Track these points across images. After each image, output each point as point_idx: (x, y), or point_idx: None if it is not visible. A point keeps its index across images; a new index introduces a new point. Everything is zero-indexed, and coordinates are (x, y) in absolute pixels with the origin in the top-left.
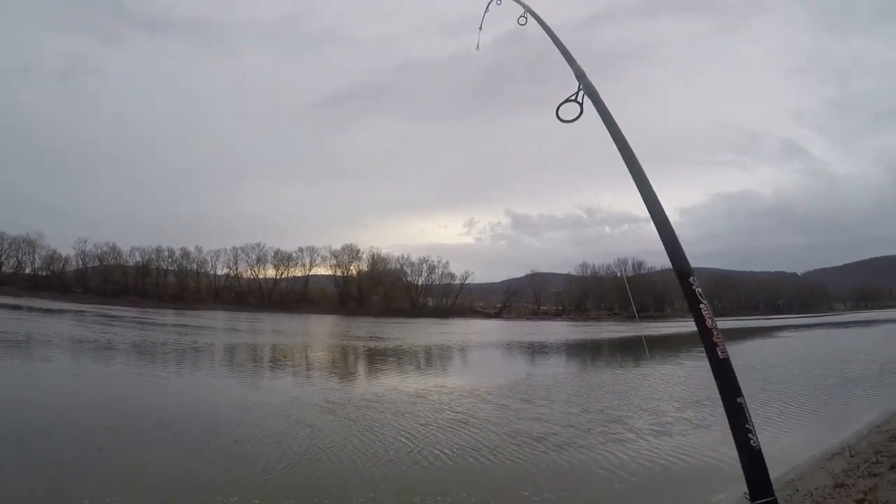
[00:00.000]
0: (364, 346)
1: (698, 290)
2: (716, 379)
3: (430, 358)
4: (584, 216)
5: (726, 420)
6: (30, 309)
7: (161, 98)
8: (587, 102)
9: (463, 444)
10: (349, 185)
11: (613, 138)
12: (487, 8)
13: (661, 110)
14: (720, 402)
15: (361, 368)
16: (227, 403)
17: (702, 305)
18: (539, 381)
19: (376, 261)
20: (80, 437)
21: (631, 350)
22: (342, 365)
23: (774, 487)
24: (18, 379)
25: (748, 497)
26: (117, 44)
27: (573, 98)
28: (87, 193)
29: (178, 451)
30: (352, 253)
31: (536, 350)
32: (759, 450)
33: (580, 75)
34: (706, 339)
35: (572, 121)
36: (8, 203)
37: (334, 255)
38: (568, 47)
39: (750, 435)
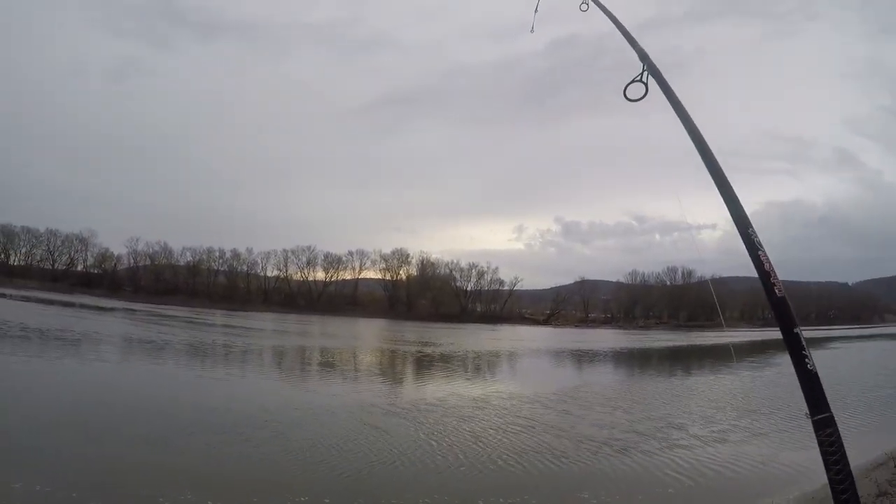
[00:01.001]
0: (419, 351)
1: (756, 239)
2: (774, 314)
3: (486, 364)
4: (635, 224)
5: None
6: (81, 306)
7: (211, 100)
8: (652, 84)
9: (529, 448)
10: (398, 189)
11: (679, 116)
12: None
13: (710, 117)
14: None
15: (420, 373)
16: (295, 407)
17: (760, 252)
18: (597, 388)
19: (426, 265)
20: (156, 439)
21: (683, 359)
22: (400, 369)
23: (821, 495)
24: (98, 380)
25: (808, 416)
26: (168, 47)
27: (639, 78)
28: (139, 193)
29: (249, 452)
30: (401, 257)
31: (589, 358)
32: (816, 372)
33: (643, 56)
34: (765, 282)
35: (638, 100)
36: (62, 200)
37: (384, 258)
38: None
39: (807, 360)
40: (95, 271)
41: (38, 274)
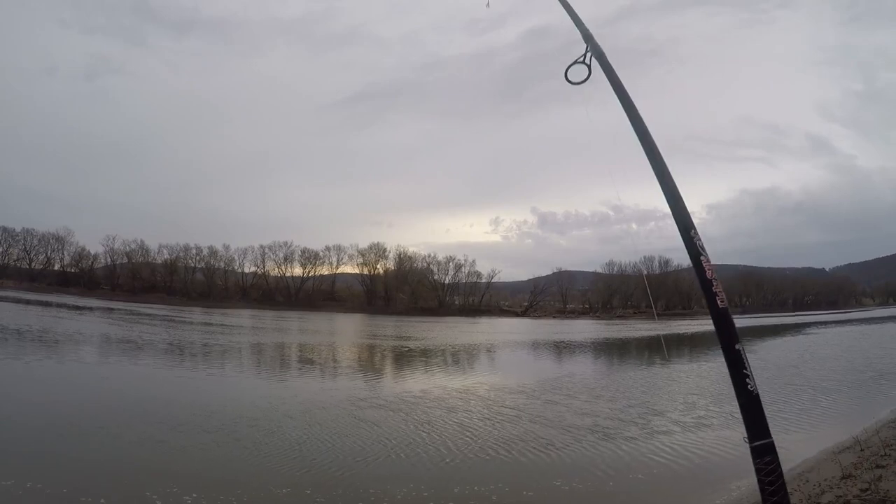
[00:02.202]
0: (400, 346)
1: (699, 242)
2: (715, 327)
3: (467, 356)
4: (611, 214)
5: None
6: (59, 305)
7: (186, 97)
8: (595, 65)
9: (515, 437)
10: (375, 183)
11: (620, 99)
12: None
13: (685, 106)
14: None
15: (402, 367)
16: (284, 404)
17: (702, 258)
18: (579, 378)
19: (403, 259)
20: (145, 436)
21: (661, 348)
22: (383, 364)
23: (786, 479)
24: (87, 381)
25: (747, 440)
26: (142, 44)
27: (581, 60)
28: (115, 191)
29: (242, 452)
30: (378, 252)
31: (569, 348)
32: (757, 394)
33: (587, 37)
34: (707, 290)
35: (581, 83)
36: (38, 200)
37: (361, 253)
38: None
39: (748, 380)
40: (72, 270)
41: (15, 273)
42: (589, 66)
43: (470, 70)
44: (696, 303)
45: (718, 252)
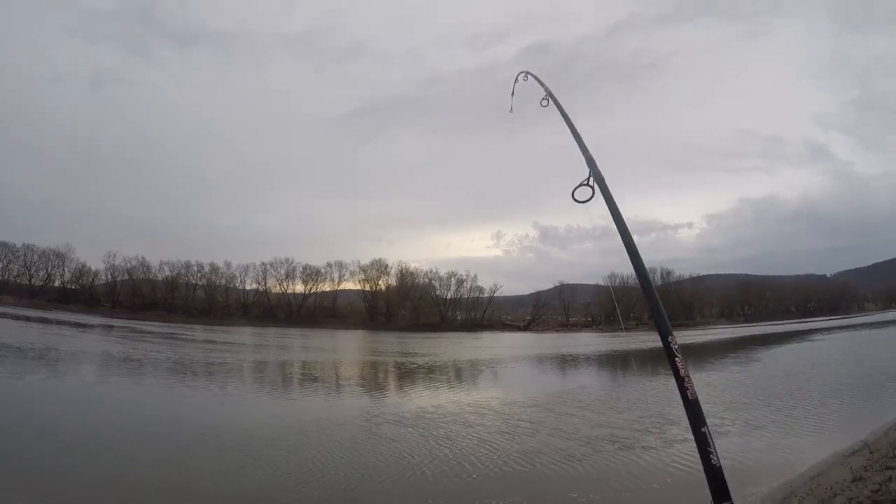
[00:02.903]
0: (407, 362)
1: (675, 346)
2: (687, 413)
3: (476, 371)
4: (612, 226)
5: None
6: (59, 322)
7: (190, 110)
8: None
9: (534, 449)
10: (377, 198)
11: (615, 221)
12: (517, 79)
13: (685, 118)
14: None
15: (413, 383)
16: (300, 422)
17: (677, 359)
18: (590, 391)
19: (405, 275)
20: (160, 457)
21: (664, 359)
22: (393, 381)
23: (798, 483)
24: (94, 401)
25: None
26: (146, 56)
27: (585, 182)
28: (116, 202)
29: (265, 472)
30: (380, 268)
31: (577, 361)
32: (720, 466)
33: (591, 163)
34: (679, 385)
35: (586, 202)
36: (39, 210)
37: (363, 269)
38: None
39: (711, 456)
40: (73, 287)
41: (15, 289)
42: (592, 188)
43: (472, 85)
44: (699, 313)
45: (719, 262)
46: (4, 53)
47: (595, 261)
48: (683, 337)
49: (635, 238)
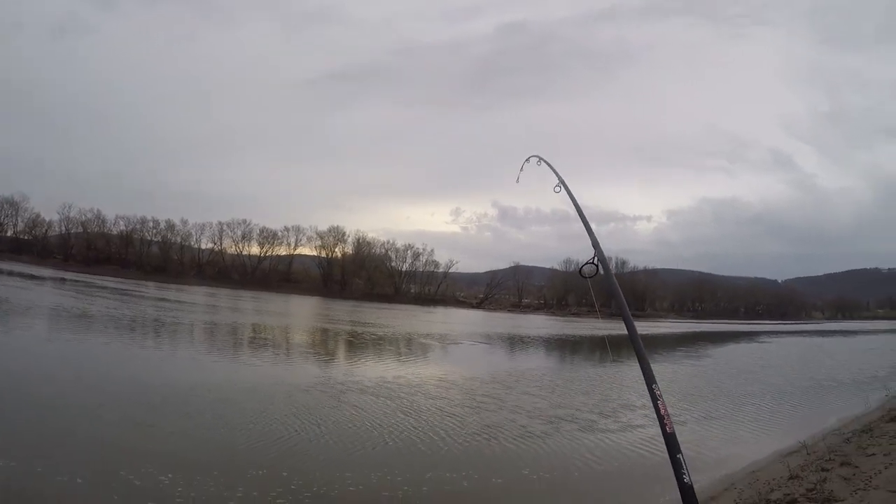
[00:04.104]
0: (364, 332)
1: (658, 391)
2: (665, 442)
3: (434, 345)
4: (571, 212)
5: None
6: (9, 273)
7: (154, 64)
8: (601, 258)
9: (496, 424)
10: (338, 166)
11: (614, 295)
12: (528, 160)
13: (654, 112)
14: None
15: (372, 353)
16: (267, 386)
17: (659, 402)
18: (552, 372)
19: (361, 244)
20: (124, 417)
21: (625, 347)
22: (352, 349)
23: (739, 476)
24: (55, 358)
25: None
26: (112, 6)
27: (591, 261)
28: (75, 155)
29: (218, 430)
30: (337, 235)
31: (534, 343)
32: (691, 485)
33: (596, 244)
34: (661, 421)
35: (592, 276)
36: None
37: (320, 236)
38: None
39: (684, 476)
40: (25, 237)
41: None
42: (597, 266)
43: (443, 59)
44: (650, 305)
45: (674, 257)
46: None
47: (553, 244)
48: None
49: (593, 226)
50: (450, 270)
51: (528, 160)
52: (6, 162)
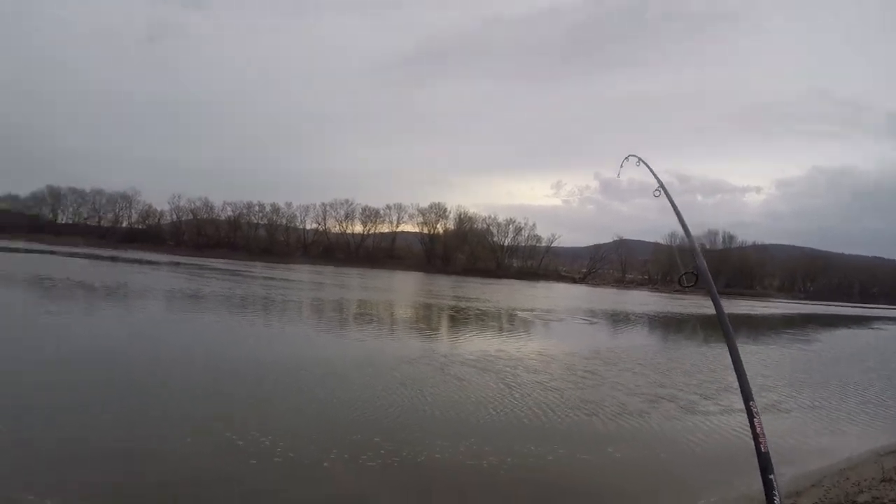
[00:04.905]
0: (467, 306)
1: (755, 408)
2: (758, 462)
3: (536, 320)
4: (676, 182)
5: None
6: (128, 260)
7: (245, 59)
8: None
9: (598, 401)
10: (437, 143)
11: (714, 305)
12: (627, 158)
13: (761, 75)
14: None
15: (475, 327)
16: (375, 359)
17: (756, 419)
18: (653, 350)
19: (463, 219)
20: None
21: (741, 327)
22: (455, 323)
23: (830, 472)
24: (174, 337)
25: None
26: (198, 7)
27: (691, 271)
28: (179, 151)
29: (329, 401)
30: (439, 211)
31: (637, 320)
32: None
33: (697, 254)
34: (756, 440)
35: (692, 286)
36: (106, 162)
37: (421, 212)
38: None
39: (776, 499)
40: (140, 227)
41: (85, 231)
42: (696, 275)
43: (535, 29)
44: (759, 283)
45: (783, 232)
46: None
47: (655, 217)
48: (743, 308)
49: (698, 197)
50: (552, 245)
51: (626, 159)
52: (119, 161)
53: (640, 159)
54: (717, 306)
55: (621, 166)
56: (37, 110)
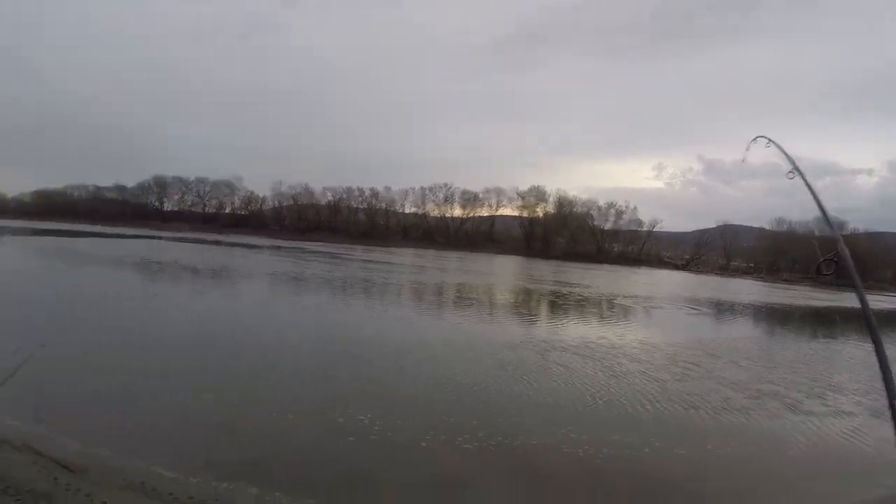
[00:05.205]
0: (568, 292)
1: None
2: None
3: (637, 307)
4: (782, 165)
5: None
6: (232, 244)
7: (335, 46)
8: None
9: (700, 393)
10: (534, 124)
11: (861, 303)
12: (755, 140)
13: (874, 49)
14: None
15: (574, 312)
16: (475, 342)
17: None
18: (759, 343)
19: (562, 203)
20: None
21: (840, 323)
22: (555, 308)
23: None
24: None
25: None
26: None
27: (831, 258)
28: (279, 141)
29: (430, 384)
30: (538, 194)
31: (742, 310)
32: None
33: (837, 240)
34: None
35: (830, 274)
36: (209, 152)
37: (520, 196)
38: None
39: None
40: (242, 212)
41: (190, 217)
42: (836, 262)
43: (632, 5)
44: (870, 275)
45: (891, 219)
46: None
47: (762, 200)
48: (853, 301)
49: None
50: (654, 229)
51: (754, 140)
52: (222, 151)
53: (770, 140)
54: (861, 296)
55: (747, 149)
56: (141, 104)
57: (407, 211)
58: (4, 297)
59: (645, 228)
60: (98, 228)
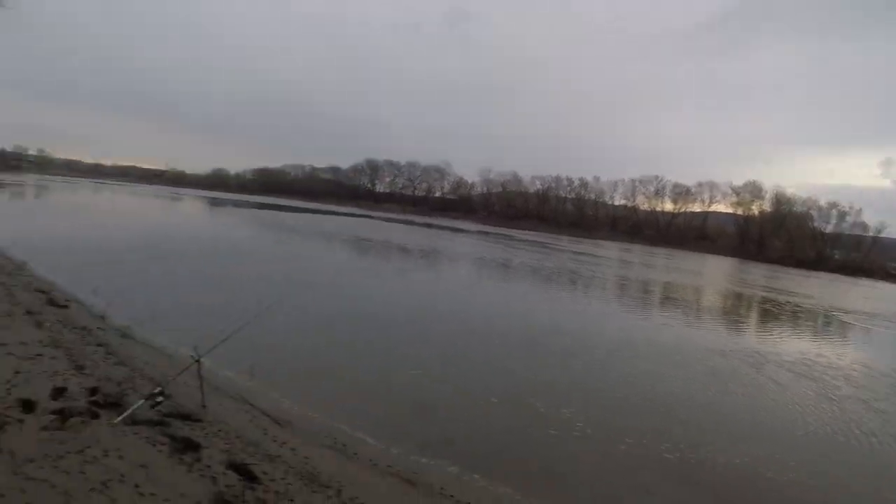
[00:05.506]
0: (788, 301)
1: None
2: None
3: (860, 327)
4: None
5: None
6: (440, 227)
7: (535, 35)
8: None
9: None
10: (748, 113)
11: None
12: None
13: None
14: None
15: (791, 325)
16: (677, 345)
17: None
18: None
19: (780, 201)
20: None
21: None
22: (771, 319)
23: None
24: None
25: None
26: None
27: None
28: (486, 128)
29: (646, 382)
30: (754, 191)
31: None
32: None
33: None
34: None
35: None
36: (419, 138)
37: (735, 191)
38: None
39: None
40: (451, 197)
41: (400, 199)
42: None
43: None
44: None
45: None
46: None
47: None
48: None
49: None
50: (879, 234)
51: None
52: (434, 137)
53: None
54: None
55: None
56: (354, 93)
57: (616, 203)
58: (240, 262)
59: (869, 234)
60: (313, 205)
